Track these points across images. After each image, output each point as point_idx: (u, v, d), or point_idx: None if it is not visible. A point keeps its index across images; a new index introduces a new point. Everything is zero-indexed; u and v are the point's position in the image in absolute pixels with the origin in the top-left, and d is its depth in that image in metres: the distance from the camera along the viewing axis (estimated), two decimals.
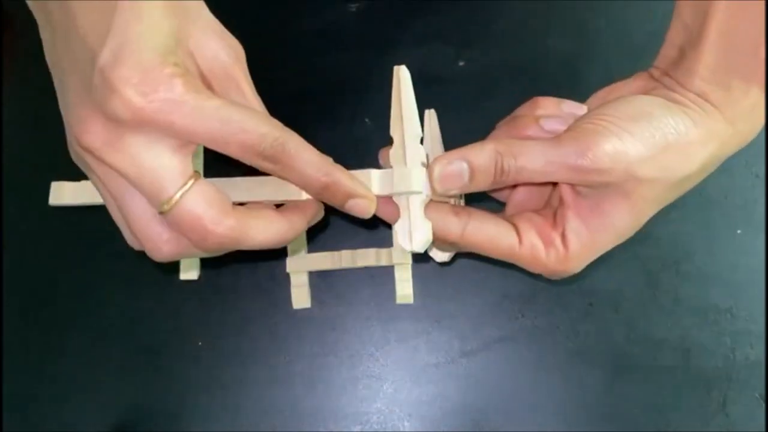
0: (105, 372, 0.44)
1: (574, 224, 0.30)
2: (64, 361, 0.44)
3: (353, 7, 0.50)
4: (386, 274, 0.44)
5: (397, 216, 0.31)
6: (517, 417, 0.43)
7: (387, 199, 0.31)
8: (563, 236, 0.30)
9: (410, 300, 0.44)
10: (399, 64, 0.44)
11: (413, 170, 0.30)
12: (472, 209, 0.32)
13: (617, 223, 0.29)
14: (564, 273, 0.31)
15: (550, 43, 0.48)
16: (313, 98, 0.45)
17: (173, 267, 0.45)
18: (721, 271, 0.44)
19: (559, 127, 0.31)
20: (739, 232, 0.45)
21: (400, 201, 0.31)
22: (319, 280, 0.45)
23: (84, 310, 0.45)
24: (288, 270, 0.44)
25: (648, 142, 0.28)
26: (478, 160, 0.29)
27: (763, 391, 0.42)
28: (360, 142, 0.46)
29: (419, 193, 0.30)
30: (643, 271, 0.44)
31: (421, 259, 0.44)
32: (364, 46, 0.49)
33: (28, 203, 0.47)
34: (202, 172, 0.31)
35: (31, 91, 0.50)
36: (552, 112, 0.32)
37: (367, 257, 0.44)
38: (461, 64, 0.48)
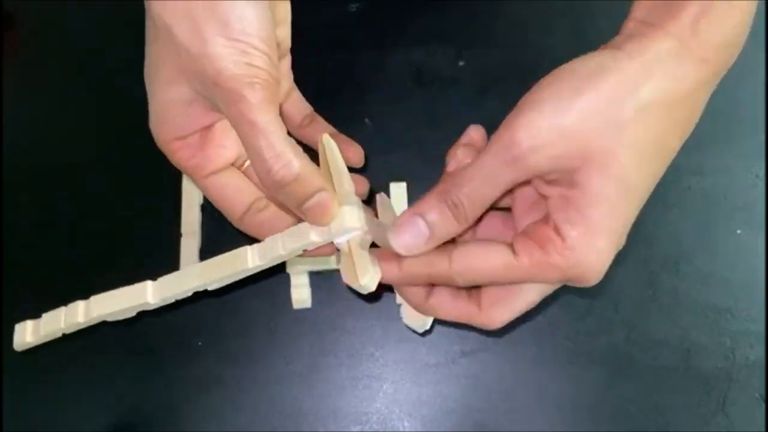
0: (105, 372, 0.44)
1: (560, 212, 0.27)
2: (63, 360, 0.44)
3: (353, 7, 0.50)
4: None
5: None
6: (517, 417, 0.43)
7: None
8: (556, 229, 0.27)
9: None
10: (399, 63, 0.45)
11: (345, 208, 0.29)
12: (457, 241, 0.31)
13: (601, 191, 0.26)
14: (578, 268, 0.27)
15: (550, 43, 0.49)
16: (313, 98, 0.45)
17: (173, 267, 0.45)
18: (721, 271, 0.44)
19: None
20: (739, 232, 0.45)
21: (341, 246, 0.30)
22: (319, 280, 0.45)
23: None
24: (288, 270, 0.44)
25: (567, 95, 0.26)
26: (428, 208, 0.28)
27: (762, 392, 0.42)
28: (360, 142, 0.46)
29: (357, 230, 0.29)
30: (643, 271, 0.44)
31: None
32: (364, 46, 0.49)
33: (28, 203, 0.47)
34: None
35: (31, 91, 0.50)
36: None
37: None
38: (461, 64, 0.48)
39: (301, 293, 0.44)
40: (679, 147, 0.28)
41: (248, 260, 0.31)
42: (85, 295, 0.45)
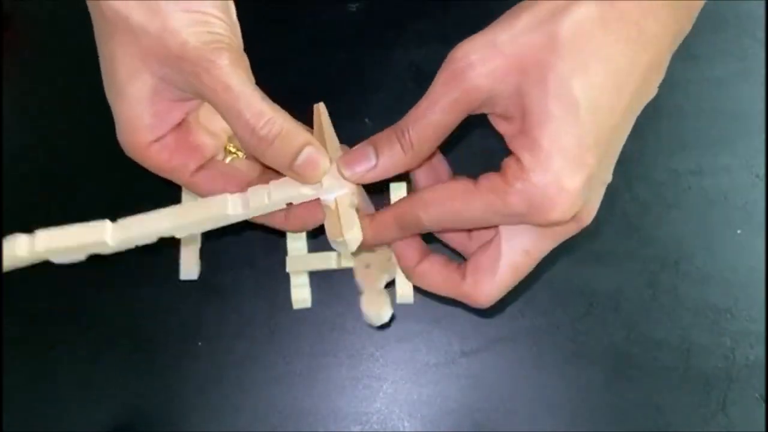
0: (105, 372, 0.44)
1: (515, 141, 0.26)
2: (64, 361, 0.44)
3: (353, 7, 0.50)
4: None
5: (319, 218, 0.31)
6: (517, 417, 0.43)
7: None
8: (515, 157, 0.26)
9: (410, 300, 0.44)
10: (399, 63, 0.45)
11: (336, 165, 0.30)
12: None
13: (543, 109, 0.25)
14: (537, 192, 0.25)
15: None
16: (313, 98, 0.45)
17: (173, 267, 0.45)
18: (721, 271, 0.44)
19: None
20: (739, 232, 0.45)
21: (328, 202, 0.30)
22: (319, 280, 0.45)
23: (84, 310, 0.45)
24: (288, 270, 0.44)
25: (505, 19, 0.26)
26: (378, 138, 0.29)
27: (763, 392, 0.42)
28: (360, 142, 0.46)
29: (348, 188, 0.30)
30: (643, 271, 0.44)
31: None
32: (364, 46, 0.49)
33: (28, 203, 0.47)
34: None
35: (31, 90, 0.50)
36: None
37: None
38: None
39: (301, 293, 0.44)
40: (634, 68, 0.26)
41: (228, 206, 0.29)
42: (84, 296, 0.46)
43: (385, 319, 0.33)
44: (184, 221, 0.29)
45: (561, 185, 0.25)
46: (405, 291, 0.44)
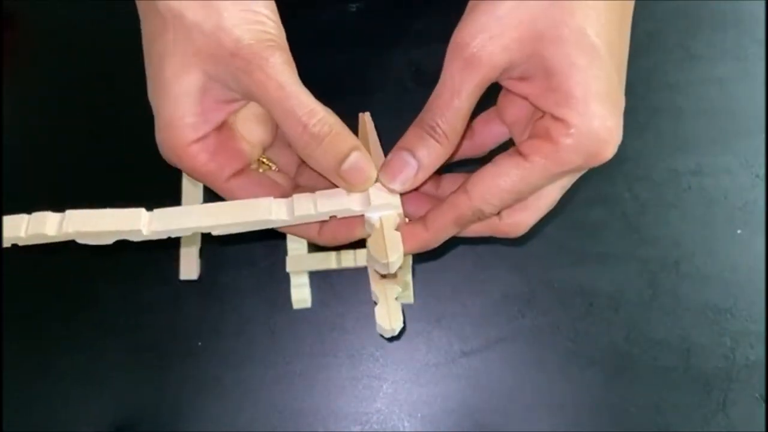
0: (105, 372, 0.44)
1: (545, 101, 0.27)
2: (64, 360, 0.44)
3: (353, 7, 0.50)
4: None
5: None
6: (517, 417, 0.43)
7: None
8: (551, 116, 0.27)
9: (410, 300, 0.44)
10: (399, 63, 0.45)
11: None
12: None
13: (567, 62, 0.26)
14: (589, 140, 0.26)
15: None
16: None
17: (173, 266, 0.45)
18: (721, 271, 0.44)
19: None
20: (739, 232, 0.45)
21: (373, 221, 0.30)
22: (319, 280, 0.45)
23: (84, 310, 0.45)
24: (288, 270, 0.44)
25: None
26: (408, 140, 0.29)
27: (763, 392, 0.42)
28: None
29: (395, 207, 0.29)
30: (643, 271, 0.44)
31: (421, 259, 0.44)
32: (364, 46, 0.49)
33: (28, 203, 0.47)
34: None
35: (31, 91, 0.50)
36: None
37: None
38: None
39: (301, 293, 0.44)
40: (623, 4, 0.28)
41: (272, 211, 0.29)
42: (84, 295, 0.46)
43: (397, 330, 0.33)
44: (224, 220, 0.29)
45: (607, 126, 0.26)
46: (405, 291, 0.44)
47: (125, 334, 0.45)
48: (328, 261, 0.44)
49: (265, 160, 0.33)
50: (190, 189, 0.46)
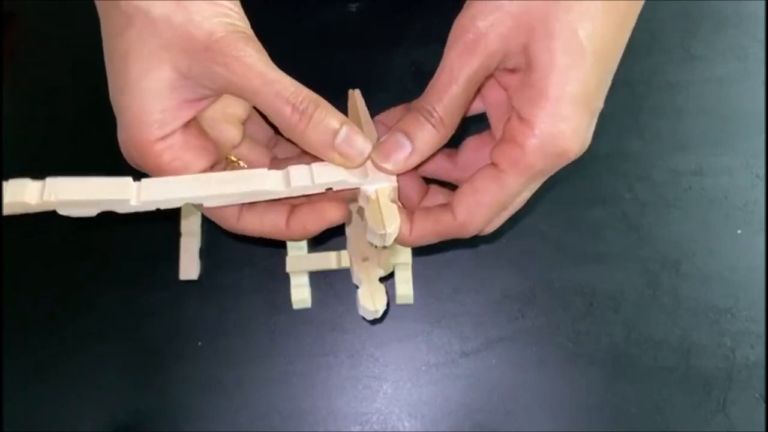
0: (105, 372, 0.44)
1: (519, 96, 0.27)
2: (64, 361, 0.44)
3: (353, 7, 0.50)
4: None
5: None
6: (517, 417, 0.43)
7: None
8: (518, 116, 0.27)
9: (410, 300, 0.44)
10: (399, 63, 0.45)
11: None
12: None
13: (550, 59, 0.26)
14: (553, 143, 0.26)
15: None
16: None
17: (173, 267, 0.45)
18: (721, 271, 0.44)
19: None
20: (739, 232, 0.45)
21: (369, 193, 0.30)
22: (319, 280, 0.45)
23: (84, 310, 0.45)
24: (288, 270, 0.44)
25: None
26: (405, 123, 0.29)
27: (763, 392, 0.42)
28: None
29: (391, 180, 0.30)
30: (643, 272, 0.44)
31: (421, 259, 0.44)
32: (364, 46, 0.49)
33: None
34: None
35: (30, 90, 0.50)
36: None
37: None
38: None
39: (301, 293, 0.44)
40: (630, 10, 0.28)
41: (269, 182, 0.28)
42: (84, 296, 0.46)
43: (380, 311, 0.33)
44: (218, 191, 0.28)
45: (572, 127, 0.26)
46: (405, 291, 0.44)
47: (125, 334, 0.45)
48: (328, 261, 0.44)
49: (234, 158, 0.33)
50: None
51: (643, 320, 0.44)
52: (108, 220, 0.47)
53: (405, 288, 0.44)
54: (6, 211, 0.26)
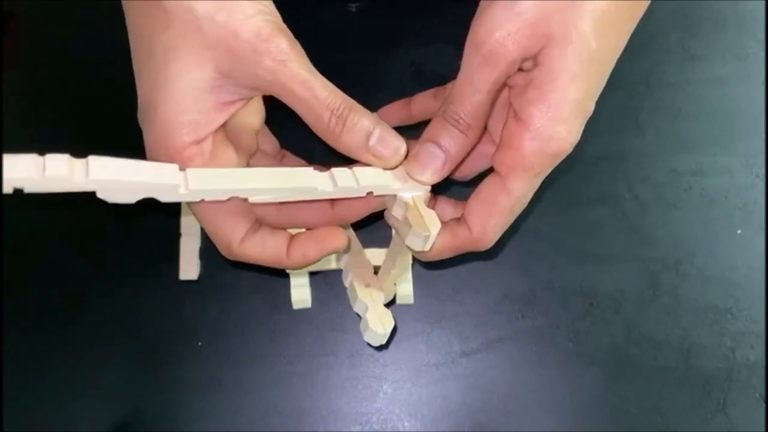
0: (105, 372, 0.44)
1: (520, 96, 0.28)
2: (64, 361, 0.44)
3: (353, 7, 0.50)
4: None
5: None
6: (517, 417, 0.43)
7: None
8: (516, 117, 0.28)
9: (410, 300, 0.44)
10: (399, 63, 0.44)
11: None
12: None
13: (562, 65, 0.26)
14: (552, 143, 0.27)
15: None
16: None
17: (173, 267, 0.45)
18: (721, 271, 0.44)
19: None
20: (739, 232, 0.45)
21: (407, 200, 0.30)
22: (319, 280, 0.45)
23: (84, 310, 0.45)
24: (288, 270, 0.44)
25: None
26: (434, 133, 0.29)
27: (763, 392, 0.42)
28: None
29: (425, 189, 0.30)
30: (643, 272, 0.44)
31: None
32: (364, 46, 0.49)
33: (28, 203, 0.47)
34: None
35: (30, 90, 0.50)
36: None
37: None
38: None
39: (301, 293, 0.44)
40: (633, 18, 0.28)
41: (318, 182, 0.28)
42: (84, 296, 0.45)
43: (388, 335, 0.33)
44: (266, 184, 0.28)
45: (571, 132, 0.27)
46: (405, 291, 0.44)
47: (125, 334, 0.45)
48: (328, 261, 0.44)
49: None
50: None
51: (643, 320, 0.44)
52: (108, 221, 0.47)
53: (405, 288, 0.44)
54: (46, 187, 0.25)
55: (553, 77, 0.26)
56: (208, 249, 0.46)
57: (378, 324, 0.32)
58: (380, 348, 0.44)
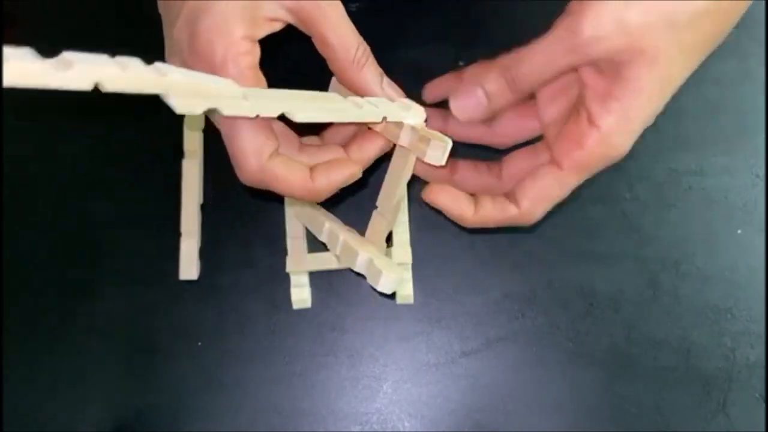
0: (105, 372, 0.44)
1: (598, 102, 0.29)
2: (64, 360, 0.45)
3: (353, 7, 0.50)
4: None
5: None
6: (517, 417, 0.43)
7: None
8: (590, 119, 0.30)
9: (410, 300, 0.44)
10: (399, 63, 0.44)
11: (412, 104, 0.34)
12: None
13: (645, 85, 0.28)
14: (615, 152, 0.30)
15: None
16: None
17: (173, 267, 0.45)
18: (721, 271, 0.44)
19: None
20: (739, 232, 0.45)
21: (411, 124, 0.33)
22: (319, 280, 0.45)
23: (84, 310, 0.45)
24: (288, 270, 0.44)
25: None
26: (488, 80, 0.32)
27: (763, 392, 0.42)
28: None
29: (421, 119, 0.34)
30: (643, 271, 0.44)
31: (421, 259, 0.44)
32: None
33: (28, 203, 0.47)
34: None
35: (31, 90, 0.50)
36: None
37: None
38: (461, 64, 0.48)
39: (301, 293, 0.44)
40: (709, 49, 0.30)
41: (347, 105, 0.31)
42: (84, 296, 0.46)
43: (402, 276, 0.35)
44: (312, 104, 0.30)
45: (630, 142, 0.30)
46: (405, 291, 0.44)
47: (125, 334, 0.45)
48: (328, 261, 0.44)
49: None
50: (189, 188, 0.46)
51: (643, 320, 0.44)
52: (108, 221, 0.47)
53: (405, 288, 0.44)
54: (125, 86, 0.25)
55: (636, 94, 0.28)
56: (208, 249, 0.46)
57: (389, 269, 0.32)
58: (391, 296, 0.44)
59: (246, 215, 0.46)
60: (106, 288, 0.46)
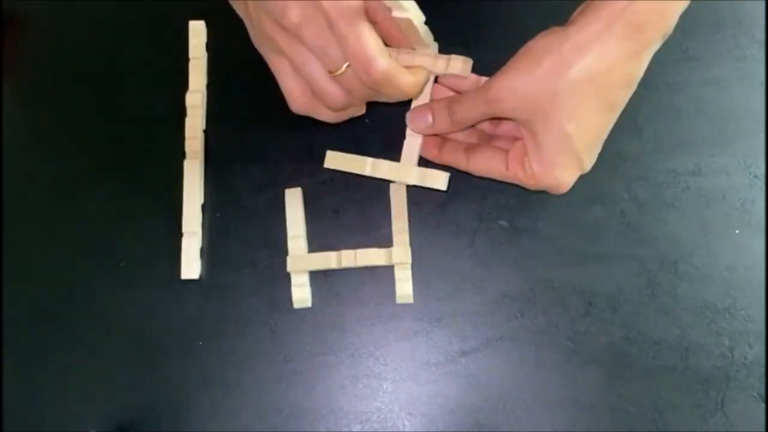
0: (105, 372, 0.44)
1: (528, 148, 0.37)
2: (64, 360, 0.45)
3: None
4: (386, 273, 0.45)
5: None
6: (516, 417, 0.43)
7: None
8: (527, 161, 0.38)
9: (410, 300, 0.44)
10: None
11: None
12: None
13: (546, 139, 0.36)
14: (545, 186, 0.38)
15: None
16: None
17: (174, 267, 0.45)
18: (719, 270, 0.44)
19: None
20: (737, 231, 0.45)
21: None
22: (319, 279, 0.45)
23: (84, 310, 0.45)
24: (288, 270, 0.44)
25: (524, 69, 0.35)
26: (436, 108, 0.41)
27: (761, 391, 0.43)
28: (360, 142, 0.46)
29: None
30: (641, 271, 0.44)
31: (421, 259, 0.45)
32: None
33: (28, 203, 0.47)
34: None
35: (31, 92, 0.50)
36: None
37: (367, 257, 0.44)
38: None
39: (301, 293, 0.44)
40: (616, 100, 0.36)
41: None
42: (84, 296, 0.46)
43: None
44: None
45: (561, 181, 0.38)
46: (405, 291, 0.44)
47: (125, 333, 0.45)
48: (328, 261, 0.44)
49: None
50: (190, 188, 0.46)
51: (641, 320, 0.44)
52: (108, 221, 0.47)
53: (405, 288, 0.44)
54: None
55: (542, 145, 0.36)
56: (209, 249, 0.46)
57: (436, 178, 0.42)
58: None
59: (247, 215, 0.46)
60: (106, 288, 0.46)
